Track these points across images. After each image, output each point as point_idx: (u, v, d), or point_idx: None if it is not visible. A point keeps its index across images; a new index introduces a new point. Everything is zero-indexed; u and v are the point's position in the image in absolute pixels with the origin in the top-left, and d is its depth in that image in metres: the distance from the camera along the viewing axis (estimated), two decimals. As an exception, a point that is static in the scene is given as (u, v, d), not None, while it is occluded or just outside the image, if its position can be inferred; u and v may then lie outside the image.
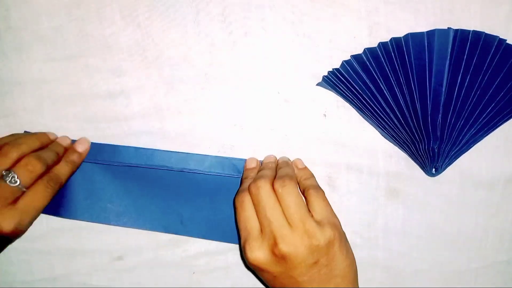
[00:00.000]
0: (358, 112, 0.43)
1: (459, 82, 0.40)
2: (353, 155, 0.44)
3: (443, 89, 0.40)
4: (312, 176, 0.41)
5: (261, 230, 0.35)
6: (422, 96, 0.40)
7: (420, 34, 0.40)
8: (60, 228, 0.45)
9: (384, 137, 0.44)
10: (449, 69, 0.40)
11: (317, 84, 0.43)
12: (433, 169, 0.43)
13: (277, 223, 0.35)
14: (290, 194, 0.36)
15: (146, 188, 0.43)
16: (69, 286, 0.46)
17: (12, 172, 0.37)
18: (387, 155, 0.44)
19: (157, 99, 0.43)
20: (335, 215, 0.37)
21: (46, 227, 0.45)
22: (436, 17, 0.41)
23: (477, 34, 0.40)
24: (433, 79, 0.40)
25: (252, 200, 0.36)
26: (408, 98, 0.41)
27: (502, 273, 0.47)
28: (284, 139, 0.44)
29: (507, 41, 0.40)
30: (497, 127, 0.42)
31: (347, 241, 0.37)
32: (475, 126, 0.41)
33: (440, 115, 0.40)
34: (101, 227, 0.45)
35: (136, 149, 0.42)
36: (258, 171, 0.40)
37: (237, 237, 0.40)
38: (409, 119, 0.41)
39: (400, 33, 0.41)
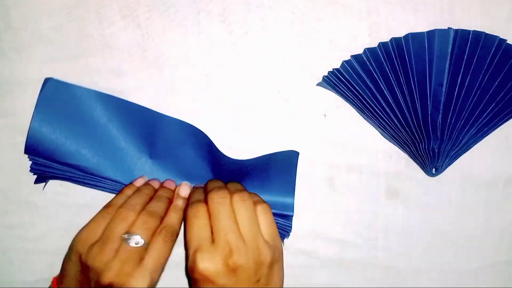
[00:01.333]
0: (358, 112, 0.43)
1: (459, 82, 0.40)
2: (353, 155, 0.44)
3: (443, 89, 0.40)
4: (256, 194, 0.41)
5: (213, 241, 0.35)
6: (422, 96, 0.40)
7: (420, 34, 0.40)
8: (60, 228, 0.45)
9: (384, 137, 0.44)
10: (449, 69, 0.40)
11: (317, 84, 0.43)
12: (433, 169, 0.43)
13: (234, 234, 0.35)
14: (247, 209, 0.36)
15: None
16: (69, 286, 0.46)
17: (134, 235, 0.37)
18: (387, 155, 0.44)
19: (157, 99, 0.43)
20: (278, 235, 0.38)
21: (46, 227, 0.45)
22: (436, 17, 0.41)
23: (477, 34, 0.40)
24: (433, 79, 0.40)
25: (210, 209, 0.36)
26: (408, 98, 0.41)
27: (502, 273, 0.47)
28: (284, 139, 0.44)
29: (507, 41, 0.40)
30: (497, 127, 0.42)
31: (282, 264, 0.38)
32: (475, 126, 0.41)
33: (440, 115, 0.40)
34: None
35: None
36: (207, 185, 0.40)
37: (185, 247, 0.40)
38: (409, 119, 0.41)
39: (400, 33, 0.41)
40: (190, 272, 0.35)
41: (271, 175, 0.43)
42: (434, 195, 0.45)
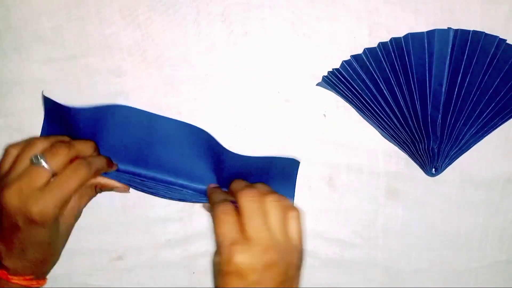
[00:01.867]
0: (358, 112, 0.43)
1: (459, 82, 0.40)
2: (353, 155, 0.44)
3: (443, 89, 0.40)
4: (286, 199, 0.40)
5: (246, 238, 0.35)
6: (422, 96, 0.40)
7: (420, 34, 0.40)
8: (60, 228, 0.45)
9: (384, 137, 0.44)
10: (449, 69, 0.40)
11: (317, 84, 0.43)
12: (433, 169, 0.43)
13: (268, 232, 0.35)
14: (279, 211, 0.36)
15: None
16: (69, 286, 0.46)
17: (39, 155, 0.36)
18: (387, 155, 0.44)
19: (157, 99, 0.43)
20: (303, 243, 0.38)
21: (46, 227, 0.45)
22: (436, 17, 0.41)
23: (477, 34, 0.40)
24: (433, 79, 0.40)
25: (241, 207, 0.36)
26: (408, 98, 0.41)
27: (501, 272, 0.47)
28: (284, 139, 0.44)
29: (507, 41, 0.40)
30: (497, 127, 0.42)
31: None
32: (475, 126, 0.41)
33: (440, 115, 0.40)
34: (101, 226, 0.45)
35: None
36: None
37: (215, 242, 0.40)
38: (409, 119, 0.41)
39: (400, 33, 0.41)
40: (224, 264, 0.34)
41: (270, 180, 0.42)
42: (434, 195, 0.45)
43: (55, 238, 0.38)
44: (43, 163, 0.36)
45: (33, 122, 0.43)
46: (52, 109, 0.41)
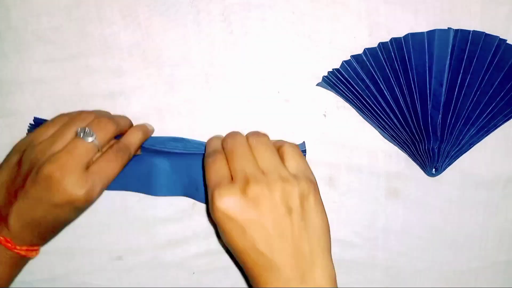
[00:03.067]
0: (358, 112, 0.43)
1: (459, 82, 0.40)
2: (353, 155, 0.44)
3: (443, 89, 0.40)
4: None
5: (232, 179, 0.33)
6: (422, 96, 0.40)
7: (420, 34, 0.40)
8: (60, 228, 0.45)
9: (384, 137, 0.44)
10: (449, 69, 0.40)
11: (317, 84, 0.43)
12: (433, 169, 0.43)
13: (251, 167, 0.33)
14: (264, 144, 0.34)
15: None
16: (69, 286, 0.46)
17: (87, 129, 0.35)
18: (387, 155, 0.44)
19: (157, 99, 0.43)
20: (311, 172, 0.35)
21: (46, 227, 0.45)
22: (436, 17, 0.41)
23: (477, 34, 0.40)
24: (433, 79, 0.40)
25: (225, 150, 0.35)
26: (408, 98, 0.41)
27: (502, 273, 0.47)
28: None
29: (507, 41, 0.40)
30: (497, 127, 0.42)
31: (322, 203, 0.35)
32: (475, 126, 0.41)
33: (440, 115, 0.40)
34: (100, 227, 0.45)
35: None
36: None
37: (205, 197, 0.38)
38: (409, 119, 0.41)
39: (400, 33, 0.41)
40: (212, 214, 0.33)
41: None
42: (434, 195, 0.45)
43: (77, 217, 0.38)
44: (90, 138, 0.35)
45: (33, 122, 0.44)
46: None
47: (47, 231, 0.37)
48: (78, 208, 0.35)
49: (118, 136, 0.39)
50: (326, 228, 0.34)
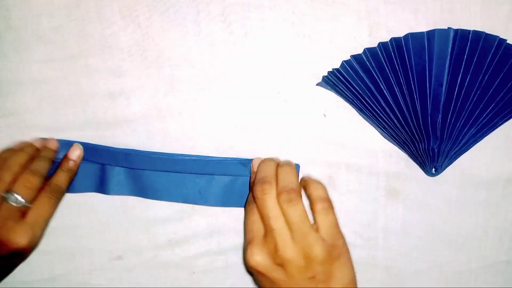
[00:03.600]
0: (358, 112, 0.43)
1: (459, 82, 0.40)
2: (353, 155, 0.44)
3: (443, 89, 0.40)
4: (321, 187, 0.39)
5: (265, 235, 0.36)
6: (422, 96, 0.40)
7: (420, 34, 0.40)
8: (59, 228, 0.45)
9: (384, 137, 0.44)
10: (449, 69, 0.40)
11: (317, 84, 0.43)
12: (433, 169, 0.43)
13: (280, 231, 0.35)
14: (295, 211, 0.36)
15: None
16: (69, 286, 0.46)
17: (13, 193, 0.38)
18: (387, 155, 0.44)
19: (157, 99, 0.43)
20: (341, 234, 0.37)
21: (46, 227, 0.45)
22: (436, 17, 0.41)
23: (477, 34, 0.40)
24: (433, 79, 0.40)
25: (257, 206, 0.37)
26: (408, 98, 0.41)
27: (502, 273, 0.47)
28: (284, 139, 0.44)
29: (507, 41, 0.40)
30: (497, 127, 0.42)
31: (350, 260, 0.37)
32: (475, 126, 0.41)
33: (440, 115, 0.40)
34: (100, 227, 0.45)
35: (131, 154, 0.43)
36: (259, 171, 0.39)
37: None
38: (409, 119, 0.41)
39: (400, 33, 0.41)
40: (245, 263, 0.36)
41: None
42: (434, 195, 0.45)
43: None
44: (14, 202, 0.38)
45: (33, 122, 0.44)
46: None
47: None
48: (27, 253, 0.39)
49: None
50: (353, 282, 0.37)
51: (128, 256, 0.46)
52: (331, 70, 0.42)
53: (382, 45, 0.41)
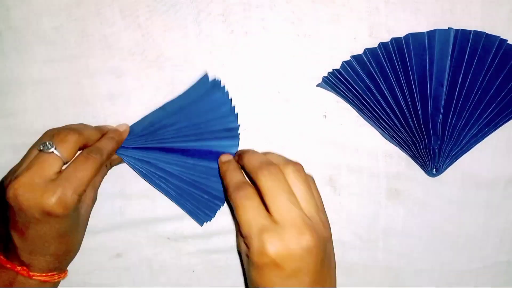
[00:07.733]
0: (358, 113, 0.43)
1: (460, 82, 0.40)
2: (353, 156, 0.44)
3: (444, 90, 0.40)
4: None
5: (275, 222, 0.31)
6: (423, 97, 0.40)
7: (421, 34, 0.40)
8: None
9: (385, 138, 0.44)
10: (449, 70, 0.40)
11: (317, 85, 0.43)
12: (434, 169, 0.43)
13: (299, 211, 0.31)
14: (304, 182, 0.33)
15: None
16: (69, 286, 0.46)
17: (47, 142, 0.35)
18: (387, 155, 0.44)
19: (158, 99, 0.43)
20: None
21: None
22: (436, 17, 0.41)
23: (478, 35, 0.40)
24: (433, 80, 0.40)
25: (262, 188, 0.33)
26: (408, 99, 0.41)
27: (502, 273, 0.46)
28: (284, 140, 0.44)
29: (508, 42, 0.40)
30: (498, 127, 0.42)
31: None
32: (476, 126, 0.41)
33: (440, 115, 0.40)
34: (100, 226, 0.45)
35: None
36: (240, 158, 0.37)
37: (236, 230, 0.38)
38: (409, 119, 0.41)
39: (401, 33, 0.40)
40: (257, 256, 0.31)
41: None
42: (435, 196, 0.45)
43: (76, 227, 0.37)
44: (52, 150, 0.34)
45: (33, 122, 0.44)
46: None
47: (56, 250, 0.36)
48: (59, 216, 0.34)
49: None
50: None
51: (128, 256, 0.46)
52: (331, 70, 0.42)
53: (383, 45, 0.41)
